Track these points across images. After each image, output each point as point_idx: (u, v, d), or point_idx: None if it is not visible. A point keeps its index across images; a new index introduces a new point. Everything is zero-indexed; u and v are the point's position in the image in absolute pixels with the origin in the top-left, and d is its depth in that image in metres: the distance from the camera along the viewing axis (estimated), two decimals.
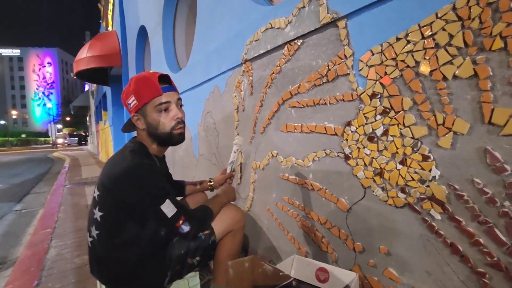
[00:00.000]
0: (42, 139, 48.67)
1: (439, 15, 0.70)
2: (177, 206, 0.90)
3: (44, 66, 64.63)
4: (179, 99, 0.99)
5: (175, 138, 0.98)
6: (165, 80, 0.96)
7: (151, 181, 0.88)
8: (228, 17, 1.74)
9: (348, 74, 0.96)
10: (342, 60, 0.97)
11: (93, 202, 0.93)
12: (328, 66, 1.03)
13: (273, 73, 1.33)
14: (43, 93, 65.30)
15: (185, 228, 0.90)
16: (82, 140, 33.69)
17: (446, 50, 0.70)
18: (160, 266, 0.93)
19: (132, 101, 0.94)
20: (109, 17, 6.96)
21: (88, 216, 0.95)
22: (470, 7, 0.65)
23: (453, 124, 0.70)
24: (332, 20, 0.97)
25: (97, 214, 0.89)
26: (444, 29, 0.70)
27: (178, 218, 0.89)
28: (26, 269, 1.69)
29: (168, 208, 0.87)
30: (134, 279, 0.91)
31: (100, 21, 8.86)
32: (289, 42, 1.20)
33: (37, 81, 64.65)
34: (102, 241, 0.90)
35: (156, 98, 0.92)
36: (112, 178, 0.88)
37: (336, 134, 1.02)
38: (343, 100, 0.98)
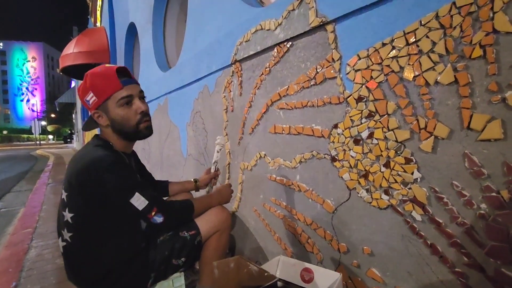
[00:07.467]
0: (25, 136, 47.15)
1: (423, 22, 0.73)
2: (149, 198, 0.86)
3: (29, 61, 62.51)
4: (141, 91, 0.96)
5: (142, 132, 0.95)
6: (123, 73, 0.93)
7: (116, 174, 0.84)
8: (219, 17, 1.74)
9: (335, 77, 0.97)
10: (330, 64, 0.99)
11: (61, 204, 0.89)
12: (316, 69, 1.04)
13: (262, 74, 1.33)
14: (27, 88, 63.16)
15: (158, 219, 0.88)
16: (68, 138, 32.89)
17: (429, 57, 0.72)
18: (142, 268, 0.92)
19: (90, 97, 0.90)
20: (98, 12, 6.82)
21: (58, 220, 0.91)
22: (452, 16, 0.67)
23: (434, 129, 0.72)
24: (321, 23, 0.99)
25: (68, 215, 0.85)
26: (427, 36, 0.72)
27: (150, 210, 0.86)
28: (4, 270, 1.63)
29: (138, 201, 0.84)
30: (115, 281, 0.89)
31: (88, 17, 8.66)
32: (278, 44, 1.21)
33: (21, 76, 62.47)
34: (77, 242, 0.86)
35: (117, 92, 0.89)
36: (76, 175, 0.84)
37: (323, 136, 1.04)
38: (330, 102, 1.00)
